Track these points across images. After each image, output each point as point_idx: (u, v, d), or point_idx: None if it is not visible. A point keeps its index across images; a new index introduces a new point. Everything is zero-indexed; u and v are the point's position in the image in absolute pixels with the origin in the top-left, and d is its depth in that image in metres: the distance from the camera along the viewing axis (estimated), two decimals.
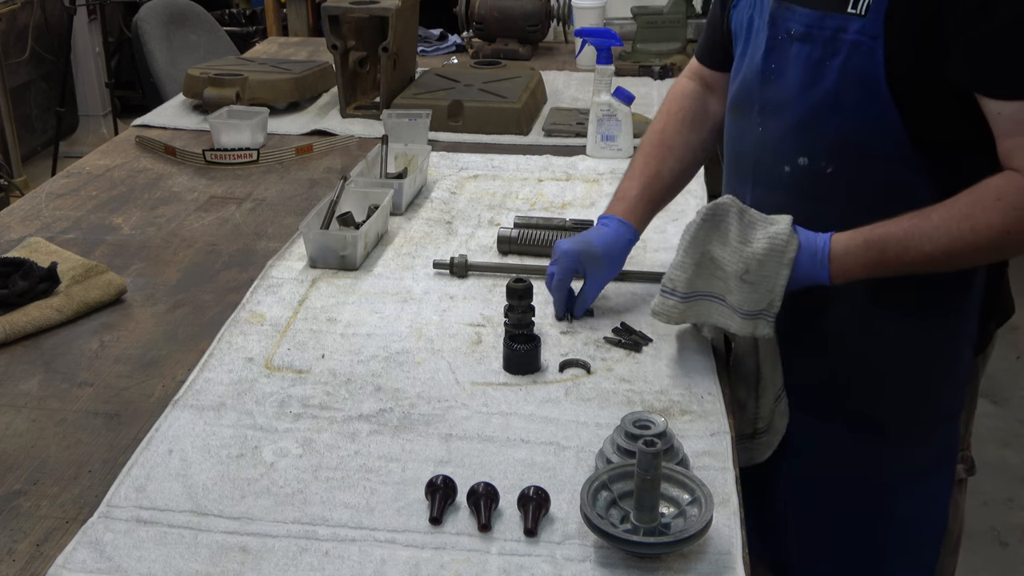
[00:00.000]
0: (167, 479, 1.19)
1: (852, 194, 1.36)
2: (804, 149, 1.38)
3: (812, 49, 1.34)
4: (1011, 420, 3.30)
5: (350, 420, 1.31)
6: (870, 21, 1.27)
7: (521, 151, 2.31)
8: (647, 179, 1.58)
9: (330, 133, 2.43)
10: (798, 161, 1.39)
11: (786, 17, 1.37)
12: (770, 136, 1.43)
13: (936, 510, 1.51)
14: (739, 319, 1.35)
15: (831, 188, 1.37)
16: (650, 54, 2.97)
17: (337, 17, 2.46)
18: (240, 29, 5.27)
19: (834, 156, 1.36)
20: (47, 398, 1.37)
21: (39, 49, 5.26)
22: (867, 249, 1.30)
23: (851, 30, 1.29)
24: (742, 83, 1.48)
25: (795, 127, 1.38)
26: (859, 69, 1.29)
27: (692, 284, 1.37)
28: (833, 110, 1.33)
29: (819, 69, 1.33)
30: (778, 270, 1.32)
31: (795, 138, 1.39)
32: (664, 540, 1.04)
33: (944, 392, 1.47)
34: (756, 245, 1.33)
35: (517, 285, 1.43)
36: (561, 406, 1.34)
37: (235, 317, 1.56)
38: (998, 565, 2.71)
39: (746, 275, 1.33)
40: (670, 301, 1.39)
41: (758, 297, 1.33)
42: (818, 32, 1.33)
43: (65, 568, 1.06)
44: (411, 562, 1.07)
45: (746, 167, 1.49)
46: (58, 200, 2.05)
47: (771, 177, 1.44)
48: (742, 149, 1.50)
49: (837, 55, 1.31)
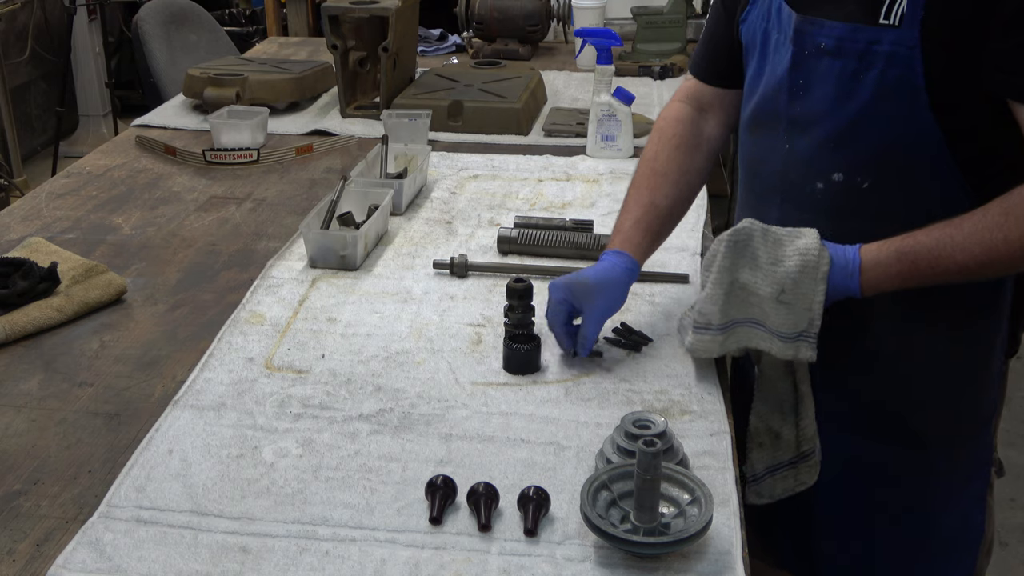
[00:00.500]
0: (167, 479, 1.19)
1: (887, 208, 1.34)
2: (839, 164, 1.35)
3: (845, 63, 1.31)
4: (1012, 420, 3.29)
5: (350, 420, 1.31)
6: (906, 31, 1.25)
7: (521, 151, 2.31)
8: (641, 209, 1.51)
9: (330, 133, 2.43)
10: (833, 177, 1.36)
11: (813, 32, 1.34)
12: (800, 153, 1.39)
13: (975, 516, 1.50)
14: (779, 343, 1.31)
15: (866, 203, 1.35)
16: (650, 54, 2.97)
17: (337, 17, 2.46)
18: (240, 29, 5.27)
19: (871, 170, 1.33)
20: (47, 398, 1.37)
21: (39, 49, 5.26)
22: (899, 260, 1.28)
23: (885, 41, 1.27)
24: (762, 100, 1.44)
25: (828, 142, 1.35)
26: (897, 80, 1.27)
27: (726, 314, 1.34)
28: (870, 123, 1.31)
29: (853, 82, 1.30)
30: (814, 287, 1.28)
31: (829, 154, 1.36)
32: (664, 540, 1.04)
33: (980, 399, 1.45)
34: (788, 263, 1.29)
35: (517, 285, 1.43)
36: (561, 406, 1.34)
37: (235, 317, 1.56)
38: (998, 565, 2.71)
39: (782, 296, 1.29)
40: (706, 336, 1.35)
41: (796, 318, 1.30)
42: (850, 45, 1.30)
43: (65, 568, 1.06)
44: (411, 562, 1.07)
45: (771, 186, 1.45)
46: (58, 200, 2.05)
47: (801, 195, 1.40)
48: (765, 168, 1.46)
49: (873, 68, 1.28)
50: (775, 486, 1.42)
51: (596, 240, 1.75)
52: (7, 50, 4.93)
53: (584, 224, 1.81)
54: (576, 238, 1.75)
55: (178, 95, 2.75)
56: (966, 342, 1.41)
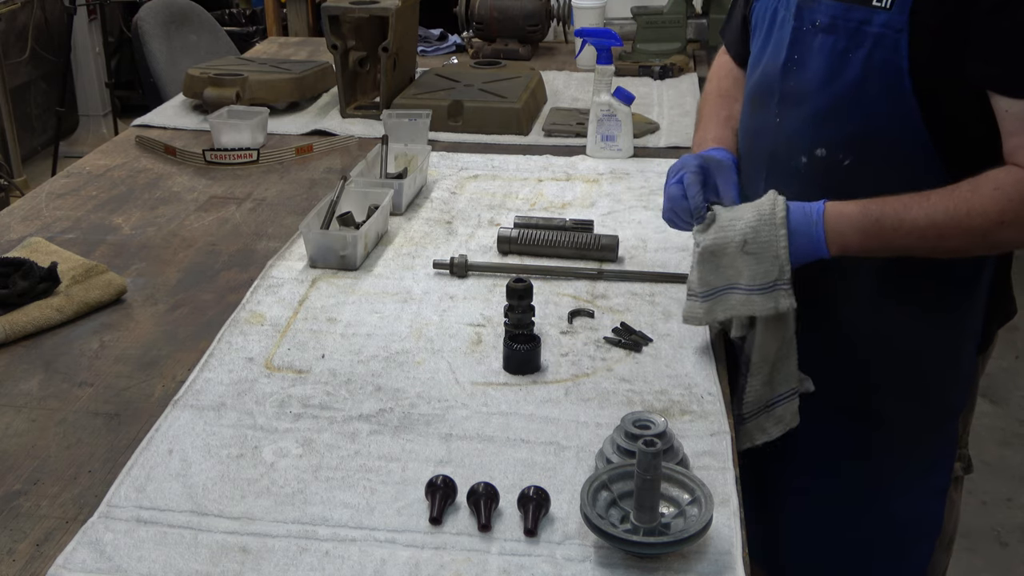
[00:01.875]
0: (167, 479, 1.19)
1: (866, 187, 1.36)
2: (822, 140, 1.39)
3: (836, 40, 1.35)
4: (1011, 420, 3.30)
5: (350, 420, 1.31)
6: (895, 14, 1.28)
7: (521, 151, 2.31)
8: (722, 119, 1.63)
9: (330, 133, 2.43)
10: (816, 152, 1.40)
11: (812, 8, 1.38)
12: (788, 127, 1.44)
13: (932, 507, 1.52)
14: (758, 298, 1.35)
15: (846, 180, 1.38)
16: (650, 54, 2.97)
17: (337, 17, 2.46)
18: (240, 29, 5.27)
19: (852, 148, 1.37)
20: (47, 398, 1.37)
21: (39, 49, 5.26)
22: (863, 215, 1.31)
23: (876, 22, 1.30)
24: (762, 75, 1.48)
25: (814, 118, 1.39)
26: (883, 62, 1.30)
27: (705, 281, 1.39)
28: (855, 102, 1.34)
29: (842, 61, 1.34)
30: (775, 231, 1.33)
31: (814, 129, 1.40)
32: (664, 540, 1.04)
33: (948, 391, 1.47)
34: (747, 215, 1.36)
35: (517, 285, 1.43)
36: (561, 406, 1.34)
37: (235, 317, 1.56)
38: (998, 565, 2.71)
39: (747, 247, 1.34)
40: (694, 303, 1.42)
41: (766, 268, 1.34)
42: (843, 24, 1.34)
43: (65, 568, 1.06)
44: (411, 562, 1.07)
45: (760, 159, 1.49)
46: (58, 200, 2.05)
47: (786, 168, 1.44)
48: (758, 141, 1.51)
49: (861, 47, 1.32)
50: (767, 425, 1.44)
51: (596, 240, 1.75)
52: (7, 50, 4.93)
53: (584, 224, 1.81)
54: (576, 238, 1.75)
55: (178, 95, 2.75)
56: (936, 329, 1.43)
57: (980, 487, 2.92)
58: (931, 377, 1.46)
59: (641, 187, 2.06)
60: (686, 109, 2.58)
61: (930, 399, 1.47)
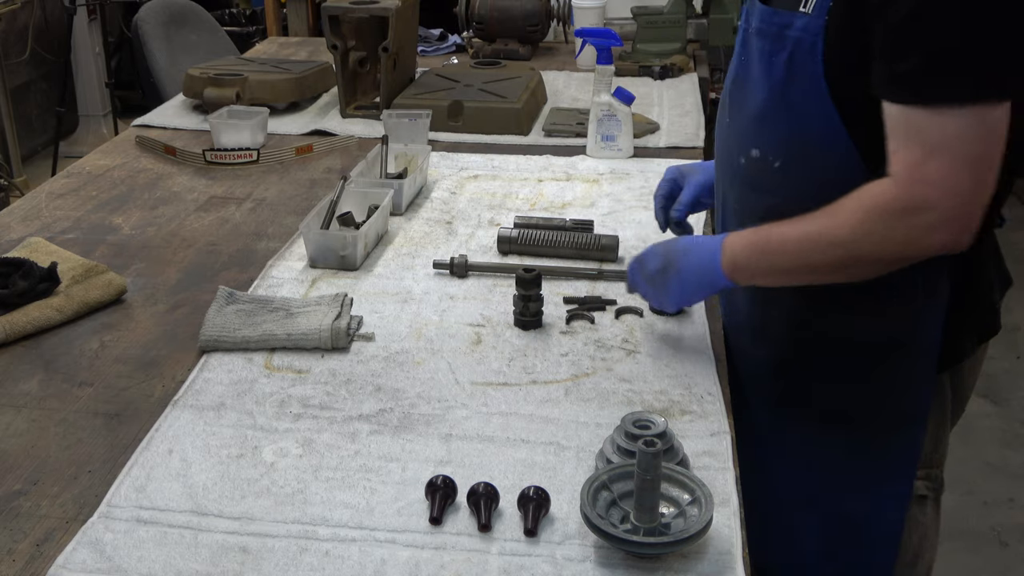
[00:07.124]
0: (167, 479, 1.19)
1: (796, 189, 1.36)
2: (757, 142, 1.40)
3: (764, 44, 1.35)
4: (1011, 420, 3.30)
5: (350, 420, 1.31)
6: (813, 18, 1.27)
7: (521, 151, 2.31)
8: None
9: (330, 133, 2.43)
10: (751, 153, 1.40)
11: (751, 12, 1.40)
12: (735, 128, 1.45)
13: (888, 515, 1.48)
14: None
15: (777, 181, 1.38)
16: (650, 54, 2.97)
17: (337, 17, 2.46)
18: (240, 29, 5.27)
19: (780, 150, 1.37)
20: (47, 398, 1.37)
21: (39, 49, 5.26)
22: (755, 232, 1.34)
23: (796, 26, 1.29)
24: (727, 80, 1.51)
25: (752, 120, 1.40)
26: (802, 66, 1.29)
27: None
28: (780, 106, 1.34)
29: (770, 64, 1.34)
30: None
31: (752, 131, 1.41)
32: (664, 540, 1.04)
33: (894, 398, 1.43)
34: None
35: (527, 275, 1.47)
36: (561, 406, 1.34)
37: None
38: (998, 565, 2.71)
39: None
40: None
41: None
42: (767, 28, 1.34)
43: (65, 568, 1.06)
44: (411, 562, 1.07)
45: (719, 159, 1.53)
46: (58, 200, 2.05)
47: (730, 168, 1.46)
48: (718, 142, 1.53)
49: (783, 51, 1.31)
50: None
51: (596, 240, 1.75)
52: (7, 50, 4.93)
53: (584, 224, 1.81)
54: (576, 238, 1.76)
55: (178, 95, 2.75)
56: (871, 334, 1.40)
57: (980, 487, 2.92)
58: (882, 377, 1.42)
59: (641, 187, 2.06)
60: (686, 109, 2.58)
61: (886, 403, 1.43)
